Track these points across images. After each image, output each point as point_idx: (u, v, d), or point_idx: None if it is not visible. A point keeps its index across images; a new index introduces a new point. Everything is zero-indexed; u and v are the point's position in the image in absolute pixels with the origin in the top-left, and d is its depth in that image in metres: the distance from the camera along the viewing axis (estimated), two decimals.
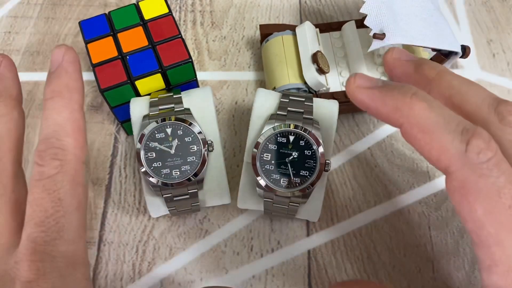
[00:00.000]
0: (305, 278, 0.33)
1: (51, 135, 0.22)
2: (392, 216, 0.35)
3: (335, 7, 0.45)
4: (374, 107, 0.22)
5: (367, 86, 0.22)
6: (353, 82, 0.23)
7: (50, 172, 0.22)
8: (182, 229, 0.35)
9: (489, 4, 0.45)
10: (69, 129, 0.23)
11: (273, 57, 0.37)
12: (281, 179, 0.30)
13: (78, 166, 0.23)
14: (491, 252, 0.19)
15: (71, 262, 0.22)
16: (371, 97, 0.22)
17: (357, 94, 0.22)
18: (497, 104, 0.22)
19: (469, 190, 0.19)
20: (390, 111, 0.21)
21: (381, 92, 0.22)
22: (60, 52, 0.25)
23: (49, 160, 0.22)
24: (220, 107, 0.40)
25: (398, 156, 0.37)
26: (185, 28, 0.44)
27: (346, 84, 0.23)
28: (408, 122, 0.20)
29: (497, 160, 0.19)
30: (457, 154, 0.19)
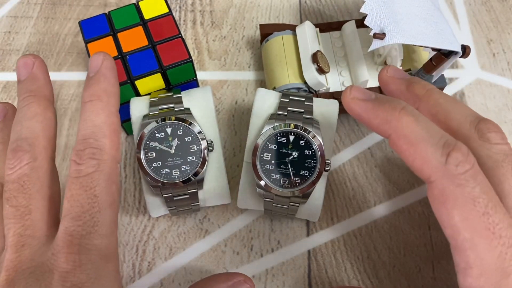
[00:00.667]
0: (305, 278, 0.33)
1: (89, 135, 0.24)
2: (392, 216, 0.35)
3: (335, 7, 0.45)
4: (366, 118, 0.24)
5: (361, 98, 0.24)
6: (348, 93, 0.25)
7: (88, 171, 0.23)
8: (182, 229, 0.35)
9: (489, 4, 0.45)
10: (106, 131, 0.24)
11: (273, 57, 0.37)
12: (281, 179, 0.30)
13: (113, 166, 0.24)
14: (466, 255, 0.21)
15: (104, 255, 0.23)
16: (364, 109, 0.24)
17: (352, 105, 0.24)
18: (478, 122, 0.24)
19: (447, 198, 0.21)
20: (380, 122, 0.23)
21: (374, 105, 0.24)
22: (99, 58, 0.26)
23: (87, 159, 0.23)
24: (220, 107, 0.40)
25: (398, 156, 0.37)
26: (185, 28, 0.44)
27: (342, 95, 0.25)
28: (396, 133, 0.22)
29: (473, 172, 0.21)
30: (438, 165, 0.21)
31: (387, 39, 0.30)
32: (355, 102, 0.24)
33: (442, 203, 0.21)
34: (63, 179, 0.36)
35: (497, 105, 0.39)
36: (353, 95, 0.24)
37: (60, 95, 0.40)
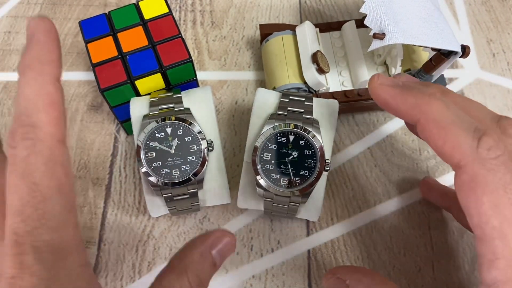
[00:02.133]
0: (305, 278, 0.33)
1: (21, 112, 0.20)
2: (392, 216, 0.35)
3: (335, 7, 0.45)
4: (394, 104, 0.24)
5: (389, 84, 0.24)
6: (376, 79, 0.24)
7: (22, 154, 0.19)
8: (182, 229, 0.35)
9: (489, 4, 0.45)
10: (40, 104, 0.20)
11: (273, 57, 0.37)
12: (281, 179, 0.30)
13: (53, 144, 0.20)
14: (494, 245, 0.20)
15: (58, 251, 0.20)
16: (392, 95, 0.24)
17: (379, 91, 0.24)
18: (498, 118, 0.24)
19: (478, 183, 0.20)
20: (409, 107, 0.23)
21: (402, 90, 0.24)
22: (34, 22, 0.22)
23: (19, 141, 0.19)
24: (220, 107, 0.40)
25: (398, 156, 0.37)
26: (185, 28, 0.44)
27: (369, 81, 0.25)
28: (425, 118, 0.22)
29: (505, 158, 0.21)
30: (469, 149, 0.21)
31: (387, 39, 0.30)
32: (382, 88, 0.24)
33: (471, 189, 0.21)
34: None
35: (497, 105, 0.39)
36: (380, 81, 0.24)
37: None
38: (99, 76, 0.32)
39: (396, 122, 0.39)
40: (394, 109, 0.24)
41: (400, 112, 0.24)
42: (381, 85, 0.24)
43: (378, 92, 0.24)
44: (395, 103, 0.24)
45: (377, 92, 0.24)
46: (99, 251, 0.34)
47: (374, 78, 0.25)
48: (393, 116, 0.39)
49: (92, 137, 0.38)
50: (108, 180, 0.36)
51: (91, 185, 0.36)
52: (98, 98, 0.40)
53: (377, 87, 0.24)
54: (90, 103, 0.40)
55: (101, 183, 0.36)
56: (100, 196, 0.36)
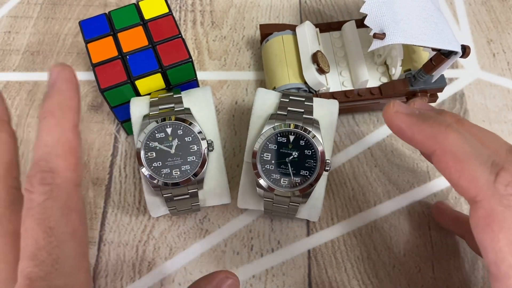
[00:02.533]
0: (305, 278, 0.33)
1: (41, 157, 0.21)
2: (392, 216, 0.35)
3: (335, 7, 0.45)
4: (410, 133, 0.23)
5: (405, 113, 0.24)
6: (392, 108, 0.24)
7: (39, 199, 0.20)
8: (182, 229, 0.35)
9: (489, 4, 0.45)
10: (59, 150, 0.21)
11: (273, 57, 0.37)
12: (281, 179, 0.30)
13: (70, 190, 0.21)
14: (509, 284, 0.20)
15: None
16: (408, 124, 0.23)
17: (395, 120, 0.24)
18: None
19: (494, 219, 0.20)
20: (425, 137, 0.22)
21: (418, 120, 0.23)
22: (55, 71, 0.23)
23: (37, 186, 0.20)
24: (220, 107, 0.40)
25: (398, 156, 0.37)
26: (185, 28, 0.44)
27: (385, 110, 0.24)
28: (442, 149, 0.22)
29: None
30: (486, 184, 0.20)
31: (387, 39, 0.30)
32: (398, 116, 0.24)
33: (488, 225, 0.20)
34: None
35: (497, 105, 0.39)
36: (396, 109, 0.24)
37: None
38: (99, 76, 0.32)
39: None
40: (409, 138, 0.23)
41: (416, 141, 0.23)
42: (396, 113, 0.24)
43: (393, 120, 0.24)
44: (410, 132, 0.23)
45: (392, 120, 0.24)
46: (99, 251, 0.34)
47: (390, 106, 0.24)
48: None
49: (92, 137, 0.38)
50: (108, 180, 0.36)
51: (91, 185, 0.36)
52: (98, 98, 0.40)
53: (392, 115, 0.24)
54: (90, 103, 0.40)
55: (101, 183, 0.36)
56: (100, 196, 0.36)
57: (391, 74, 0.36)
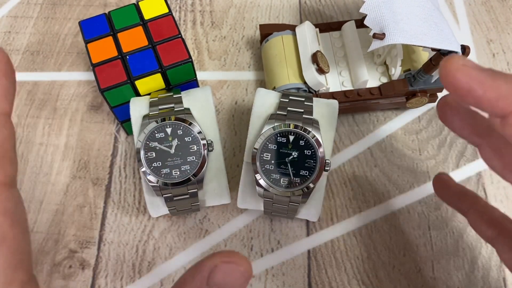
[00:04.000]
0: (305, 278, 0.33)
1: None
2: (392, 216, 0.35)
3: (335, 7, 0.45)
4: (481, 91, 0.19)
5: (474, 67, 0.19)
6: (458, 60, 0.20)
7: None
8: (182, 229, 0.35)
9: (489, 4, 0.45)
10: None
11: (273, 57, 0.37)
12: (281, 179, 0.30)
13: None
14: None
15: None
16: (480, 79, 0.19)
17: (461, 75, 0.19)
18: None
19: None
20: (499, 96, 0.19)
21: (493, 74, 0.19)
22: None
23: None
24: (220, 107, 0.40)
25: (398, 156, 0.37)
26: (185, 28, 0.44)
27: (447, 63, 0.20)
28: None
29: None
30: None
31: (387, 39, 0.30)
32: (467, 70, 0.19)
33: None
34: (67, 180, 0.36)
35: None
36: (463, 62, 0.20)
37: (60, 95, 0.40)
38: (99, 76, 0.32)
39: (396, 122, 0.39)
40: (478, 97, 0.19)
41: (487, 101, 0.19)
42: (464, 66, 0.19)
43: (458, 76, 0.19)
44: (482, 89, 0.19)
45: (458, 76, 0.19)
46: (99, 251, 0.34)
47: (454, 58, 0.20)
48: (393, 116, 0.39)
49: (92, 137, 0.38)
50: (108, 180, 0.36)
51: (91, 185, 0.36)
52: (98, 98, 0.40)
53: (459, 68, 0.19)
54: (90, 103, 0.40)
55: (101, 183, 0.36)
56: (100, 196, 0.36)
57: (390, 74, 0.36)
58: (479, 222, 0.27)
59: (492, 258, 0.33)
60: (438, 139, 0.38)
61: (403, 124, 0.39)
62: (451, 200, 0.29)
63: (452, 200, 0.29)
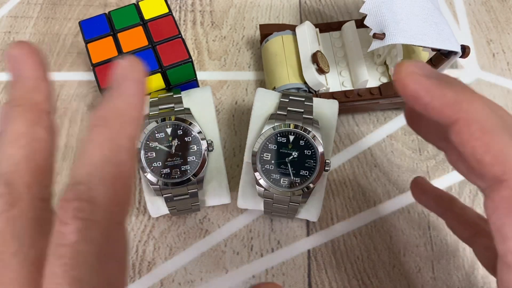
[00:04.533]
0: (305, 278, 0.33)
1: (81, 178, 0.16)
2: (392, 216, 0.35)
3: (335, 7, 0.45)
4: (427, 98, 0.19)
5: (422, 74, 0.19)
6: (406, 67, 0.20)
7: (71, 238, 0.15)
8: (182, 229, 0.35)
9: (489, 4, 0.45)
10: (107, 174, 0.16)
11: (273, 57, 0.37)
12: (281, 179, 0.30)
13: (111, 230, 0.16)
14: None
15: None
16: (427, 87, 0.19)
17: (410, 82, 0.19)
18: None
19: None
20: (447, 104, 0.18)
21: (440, 82, 0.19)
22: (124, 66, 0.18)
23: (71, 218, 0.15)
24: (220, 107, 0.40)
25: (398, 156, 0.37)
26: (185, 28, 0.44)
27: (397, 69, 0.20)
28: (467, 118, 0.18)
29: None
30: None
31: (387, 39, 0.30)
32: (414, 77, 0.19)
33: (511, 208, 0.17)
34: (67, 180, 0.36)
35: None
36: (411, 69, 0.19)
37: (61, 95, 0.40)
38: (99, 76, 0.32)
39: (396, 122, 0.39)
40: (425, 104, 0.19)
41: (433, 109, 0.19)
42: (412, 73, 0.19)
43: (408, 83, 0.19)
44: (429, 97, 0.19)
45: (407, 83, 0.19)
46: None
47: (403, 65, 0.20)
48: (393, 116, 0.39)
49: None
50: None
51: None
52: (98, 98, 0.40)
53: (408, 75, 0.19)
54: (90, 103, 0.40)
55: None
56: None
57: (390, 74, 0.36)
58: (456, 224, 0.28)
59: None
60: None
61: (403, 124, 0.39)
62: (428, 204, 0.29)
63: (430, 203, 0.29)
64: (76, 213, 0.15)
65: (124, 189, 0.17)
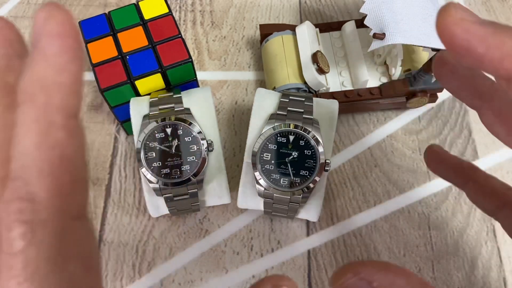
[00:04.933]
0: (305, 278, 0.33)
1: (18, 173, 0.13)
2: (392, 216, 0.35)
3: (335, 7, 0.45)
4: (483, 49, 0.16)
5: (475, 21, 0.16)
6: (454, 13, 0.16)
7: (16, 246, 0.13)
8: (182, 229, 0.35)
9: (489, 4, 0.45)
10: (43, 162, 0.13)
11: (273, 57, 0.37)
12: (281, 179, 0.30)
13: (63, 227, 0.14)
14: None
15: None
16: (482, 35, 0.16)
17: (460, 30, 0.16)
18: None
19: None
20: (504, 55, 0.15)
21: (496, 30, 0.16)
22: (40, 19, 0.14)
23: (13, 222, 0.13)
24: (220, 107, 0.40)
25: (398, 156, 0.37)
26: (185, 28, 0.44)
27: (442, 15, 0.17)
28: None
29: None
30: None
31: (387, 39, 0.30)
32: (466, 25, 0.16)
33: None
34: None
35: None
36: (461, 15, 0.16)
37: None
38: (99, 76, 0.32)
39: (396, 122, 0.39)
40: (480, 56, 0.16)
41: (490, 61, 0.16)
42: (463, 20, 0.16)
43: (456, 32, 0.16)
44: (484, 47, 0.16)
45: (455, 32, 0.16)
46: (99, 251, 0.34)
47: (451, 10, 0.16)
48: (393, 116, 0.39)
49: (92, 137, 0.38)
50: (108, 180, 0.36)
51: (91, 185, 0.36)
52: (98, 98, 0.40)
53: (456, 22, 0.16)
54: (90, 103, 0.40)
55: (101, 183, 0.36)
56: (100, 196, 0.36)
57: (391, 74, 0.36)
58: (480, 195, 0.25)
59: (492, 258, 0.33)
60: (438, 139, 0.38)
61: (403, 124, 0.39)
62: (446, 174, 0.27)
63: (449, 173, 0.27)
64: (18, 215, 0.13)
65: (69, 175, 0.14)
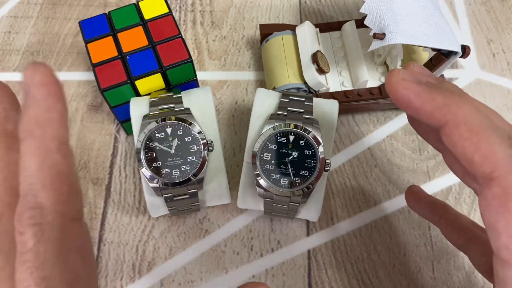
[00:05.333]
0: (305, 278, 0.33)
1: (26, 190, 0.17)
2: (392, 216, 0.35)
3: (335, 7, 0.45)
4: (418, 103, 0.20)
5: (412, 80, 0.21)
6: (397, 74, 0.21)
7: (30, 243, 0.17)
8: (182, 229, 0.35)
9: (489, 4, 0.45)
10: (45, 179, 0.17)
11: (273, 57, 0.37)
12: (281, 179, 0.30)
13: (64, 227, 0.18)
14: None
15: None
16: (417, 92, 0.20)
17: (401, 88, 0.21)
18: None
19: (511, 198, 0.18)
20: (436, 107, 0.20)
21: (429, 88, 0.20)
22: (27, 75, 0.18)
23: (27, 226, 0.17)
24: (220, 107, 0.40)
25: (398, 156, 0.37)
26: (185, 28, 0.44)
27: (389, 76, 0.21)
28: (455, 120, 0.19)
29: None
30: (504, 159, 0.18)
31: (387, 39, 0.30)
32: (405, 84, 0.20)
33: (503, 204, 0.18)
34: None
35: (497, 105, 0.39)
36: (402, 76, 0.21)
37: None
38: (99, 76, 0.32)
39: (396, 122, 0.39)
40: (416, 109, 0.20)
41: (424, 112, 0.20)
42: (403, 80, 0.20)
43: (399, 89, 0.20)
44: (419, 102, 0.20)
45: (398, 89, 0.21)
46: (99, 251, 0.34)
47: (395, 73, 0.21)
48: (393, 116, 0.39)
49: (92, 137, 0.38)
50: (108, 180, 0.36)
51: (91, 185, 0.36)
52: (98, 98, 0.40)
53: (399, 82, 0.20)
54: (90, 103, 0.40)
55: (101, 183, 0.36)
56: (100, 196, 0.36)
57: None
58: (450, 231, 0.29)
59: None
60: None
61: (403, 124, 0.39)
62: (423, 212, 0.31)
63: (424, 211, 0.30)
64: (29, 221, 0.17)
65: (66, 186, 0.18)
